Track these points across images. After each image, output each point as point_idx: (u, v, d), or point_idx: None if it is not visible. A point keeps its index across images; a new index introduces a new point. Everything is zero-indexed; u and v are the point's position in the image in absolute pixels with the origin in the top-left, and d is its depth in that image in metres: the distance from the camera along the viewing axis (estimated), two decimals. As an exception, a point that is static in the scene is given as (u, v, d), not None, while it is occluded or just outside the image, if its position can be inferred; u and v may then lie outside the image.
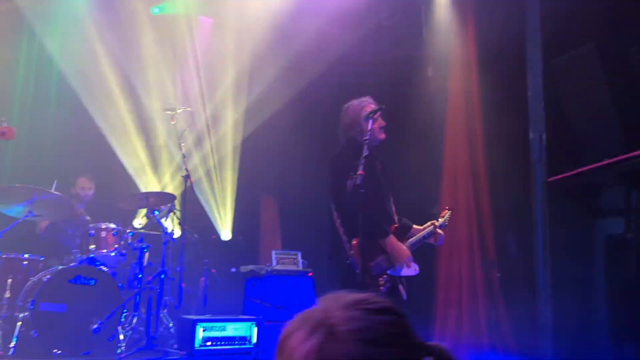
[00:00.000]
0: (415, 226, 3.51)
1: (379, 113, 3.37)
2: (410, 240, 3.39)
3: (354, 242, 3.19)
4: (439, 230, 3.47)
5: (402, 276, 3.30)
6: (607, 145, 4.05)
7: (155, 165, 6.21)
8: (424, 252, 3.53)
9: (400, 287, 3.24)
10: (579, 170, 4.26)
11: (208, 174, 6.65)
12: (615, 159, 3.91)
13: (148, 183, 6.05)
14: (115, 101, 6.04)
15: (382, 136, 3.46)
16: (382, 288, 3.21)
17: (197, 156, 6.51)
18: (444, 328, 5.13)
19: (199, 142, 6.47)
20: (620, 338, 4.04)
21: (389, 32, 5.97)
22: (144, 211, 5.65)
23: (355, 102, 3.48)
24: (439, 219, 3.59)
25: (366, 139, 3.09)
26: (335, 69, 6.38)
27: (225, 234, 6.71)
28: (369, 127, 3.20)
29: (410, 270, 3.34)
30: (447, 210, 3.66)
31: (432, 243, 3.51)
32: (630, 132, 3.92)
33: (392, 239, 3.25)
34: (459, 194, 5.22)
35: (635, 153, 3.74)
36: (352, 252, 3.20)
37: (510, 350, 4.69)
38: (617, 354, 4.06)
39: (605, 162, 4.00)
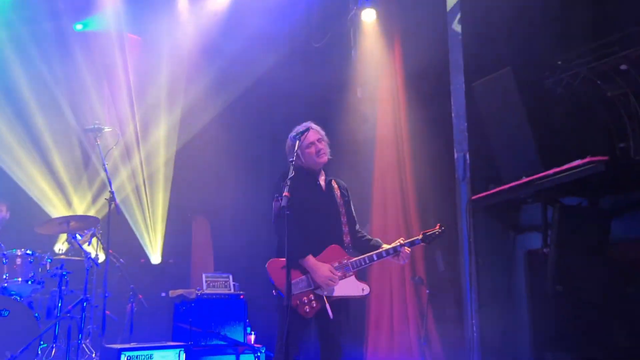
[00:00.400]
0: (385, 246, 3.47)
1: (306, 134, 3.40)
2: (355, 259, 3.39)
3: (267, 263, 3.20)
4: (406, 249, 3.40)
5: (340, 296, 3.29)
6: (524, 164, 4.24)
7: (77, 187, 5.94)
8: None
9: (327, 306, 3.22)
10: (500, 188, 4.44)
11: (137, 194, 6.45)
12: (532, 177, 4.10)
13: (68, 206, 5.77)
14: (32, 118, 5.75)
15: (322, 159, 3.47)
16: (306, 308, 3.19)
17: (125, 175, 6.30)
18: (375, 346, 5.17)
19: (126, 160, 6.27)
20: (542, 349, 4.20)
21: (319, 53, 6.05)
22: (64, 236, 5.39)
23: (299, 128, 3.47)
24: (424, 233, 3.51)
25: (291, 160, 3.09)
26: (265, 88, 6.40)
27: (155, 257, 6.50)
28: (295, 148, 3.20)
29: (353, 289, 3.32)
30: (439, 227, 3.54)
31: (396, 262, 3.45)
32: (545, 151, 4.12)
33: (309, 259, 3.24)
34: (389, 213, 5.33)
35: (550, 171, 3.93)
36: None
37: (441, 366, 4.78)
38: (540, 362, 4.21)
39: (523, 181, 4.19)
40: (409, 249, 3.43)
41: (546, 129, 4.22)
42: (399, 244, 3.43)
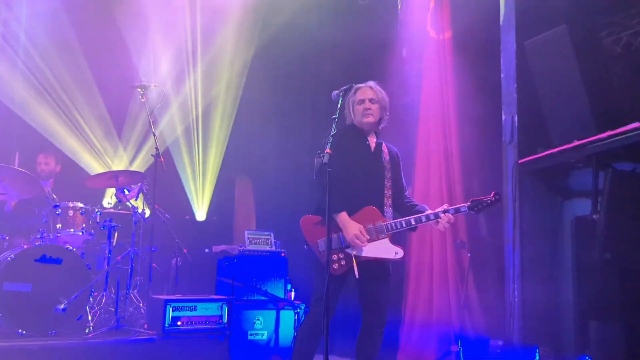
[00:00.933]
0: (429, 211, 3.41)
1: (352, 92, 3.39)
2: (390, 221, 3.36)
3: (300, 221, 3.23)
4: (449, 215, 3.31)
5: (371, 257, 3.29)
6: (577, 127, 4.07)
7: (126, 144, 6.10)
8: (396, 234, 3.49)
9: (354, 266, 3.21)
10: (550, 151, 4.29)
11: (189, 152, 6.59)
12: (584, 141, 3.94)
13: (118, 161, 5.94)
14: (83, 75, 5.90)
15: (366, 119, 3.44)
16: (335, 265, 3.20)
17: (179, 132, 6.42)
18: (414, 308, 5.17)
19: (178, 119, 6.37)
20: (585, 317, 4.11)
21: (364, 11, 5.90)
22: (112, 190, 5.57)
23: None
24: (473, 200, 3.44)
25: (334, 117, 3.06)
26: (309, 46, 6.32)
27: (200, 214, 6.66)
28: (338, 105, 3.16)
29: (385, 252, 3.31)
30: (493, 194, 3.44)
31: (436, 228, 3.40)
32: (599, 114, 3.94)
33: (343, 215, 3.23)
34: (432, 175, 5.24)
35: (603, 135, 3.77)
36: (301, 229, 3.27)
37: (479, 330, 4.75)
38: (582, 333, 4.13)
39: (574, 144, 4.03)
40: (452, 216, 3.33)
41: (602, 90, 4.02)
42: (442, 209, 3.35)
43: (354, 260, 3.24)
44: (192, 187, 6.57)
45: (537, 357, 4.13)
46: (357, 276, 3.23)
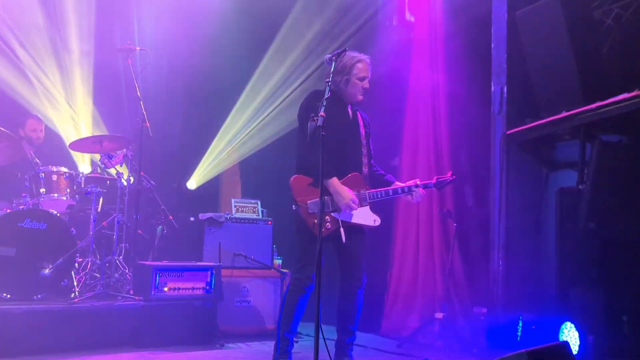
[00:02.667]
0: (398, 183, 3.54)
1: (351, 60, 3.39)
2: (369, 191, 3.41)
3: (291, 180, 3.25)
4: (420, 190, 3.46)
5: (354, 223, 3.33)
6: (565, 98, 4.09)
7: (110, 108, 5.97)
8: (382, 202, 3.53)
9: (341, 230, 3.27)
10: (538, 122, 4.32)
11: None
12: (573, 112, 3.97)
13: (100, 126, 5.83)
14: (67, 39, 5.73)
15: (360, 98, 3.51)
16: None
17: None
18: (400, 274, 5.24)
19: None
20: (567, 285, 4.21)
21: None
22: (89, 157, 5.49)
23: (351, 52, 3.45)
24: (437, 178, 3.57)
25: (327, 81, 3.03)
26: (298, 10, 6.21)
27: (191, 183, 6.59)
28: (332, 69, 3.12)
29: (366, 218, 3.39)
30: (450, 174, 3.61)
31: (410, 200, 3.52)
32: (589, 85, 3.97)
33: (334, 181, 3.29)
34: (420, 145, 5.26)
35: (593, 105, 3.80)
36: (290, 188, 3.29)
37: (464, 299, 4.84)
38: (563, 301, 4.23)
39: (563, 115, 4.06)
40: (424, 190, 3.50)
41: (592, 62, 4.04)
42: (414, 184, 3.49)
43: (340, 225, 3.29)
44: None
45: (521, 324, 4.23)
46: (343, 240, 3.26)
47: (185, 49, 6.27)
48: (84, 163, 5.85)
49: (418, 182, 3.50)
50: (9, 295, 4.04)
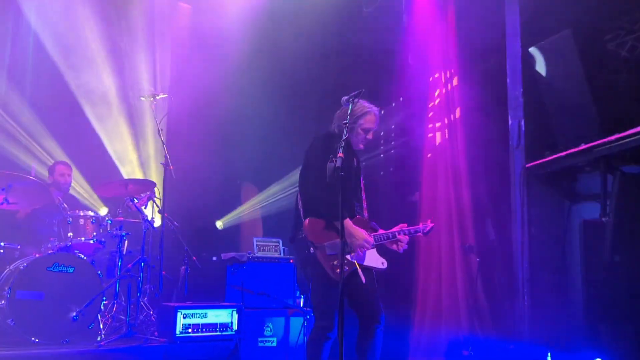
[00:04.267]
0: (381, 230, 3.56)
1: (361, 108, 3.46)
2: (374, 234, 3.46)
3: (306, 222, 3.26)
4: (402, 237, 3.47)
5: (366, 265, 3.36)
6: (584, 130, 4.10)
7: (136, 152, 6.14)
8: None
9: (359, 270, 3.28)
10: (557, 155, 4.32)
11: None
12: (592, 144, 3.97)
13: (127, 170, 5.99)
14: (92, 83, 5.96)
15: (361, 147, 3.60)
16: (338, 270, 3.24)
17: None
18: (423, 312, 5.18)
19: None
20: (595, 321, 4.12)
21: (370, 18, 5.96)
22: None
23: (363, 102, 3.52)
24: (422, 224, 3.60)
25: (345, 123, 3.09)
26: (314, 55, 6.37)
27: (219, 223, 6.69)
28: (349, 111, 3.20)
29: (375, 261, 3.43)
30: (430, 223, 3.64)
31: (395, 249, 3.52)
32: (606, 117, 3.98)
33: (348, 222, 3.32)
34: (439, 180, 5.27)
35: (612, 137, 3.79)
36: (304, 232, 3.30)
37: (489, 334, 4.75)
38: (592, 337, 4.14)
39: (582, 147, 4.06)
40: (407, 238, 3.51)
41: (607, 94, 4.05)
42: (413, 229, 3.54)
43: (357, 266, 3.31)
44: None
45: (549, 360, 4.14)
46: (364, 281, 3.27)
47: (208, 92, 6.47)
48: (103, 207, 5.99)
49: (404, 227, 3.52)
50: (37, 340, 4.11)
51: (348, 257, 3.33)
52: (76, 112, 5.94)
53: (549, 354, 4.16)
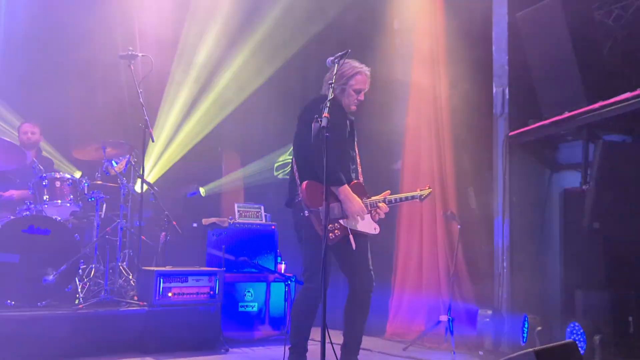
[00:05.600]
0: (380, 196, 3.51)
1: (350, 69, 3.38)
2: (369, 199, 3.42)
3: (303, 185, 3.22)
4: (382, 205, 3.42)
5: (359, 231, 3.33)
6: (568, 99, 4.10)
7: (113, 114, 5.97)
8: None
9: (350, 237, 3.27)
10: (541, 123, 4.32)
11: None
12: (576, 112, 3.97)
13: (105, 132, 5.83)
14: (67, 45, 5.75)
15: (354, 109, 3.51)
16: (331, 235, 3.23)
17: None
18: (403, 278, 5.23)
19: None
20: (572, 286, 4.20)
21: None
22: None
23: (353, 62, 3.44)
24: (419, 190, 3.58)
25: (331, 83, 3.02)
26: (295, 20, 6.24)
27: (202, 190, 6.60)
28: (334, 72, 3.13)
29: (368, 227, 3.40)
30: (428, 188, 3.64)
31: (372, 215, 3.46)
32: (591, 86, 3.98)
33: (346, 188, 3.29)
34: (422, 147, 5.26)
35: (595, 105, 3.80)
36: (300, 195, 3.25)
37: (468, 301, 4.82)
38: (569, 301, 4.22)
39: (565, 115, 4.07)
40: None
41: (593, 62, 4.05)
42: (406, 196, 3.55)
43: (349, 232, 3.28)
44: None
45: (527, 326, 4.22)
46: (354, 247, 3.25)
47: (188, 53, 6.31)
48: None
49: (388, 194, 3.49)
50: (13, 302, 4.03)
51: (342, 222, 3.30)
52: (51, 74, 5.74)
53: (527, 320, 4.24)
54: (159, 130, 6.30)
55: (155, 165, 6.36)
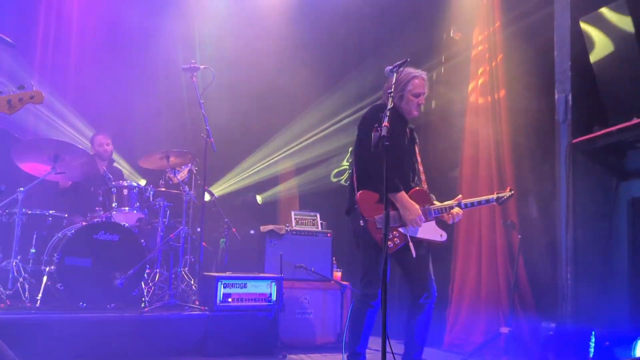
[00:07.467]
0: (436, 202, 3.50)
1: (407, 75, 3.40)
2: (433, 206, 3.40)
3: (358, 194, 3.24)
4: (456, 210, 3.41)
5: (421, 238, 3.32)
6: (636, 104, 3.95)
7: (175, 125, 6.22)
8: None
9: (410, 244, 3.25)
10: (607, 130, 4.17)
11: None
12: (643, 118, 3.81)
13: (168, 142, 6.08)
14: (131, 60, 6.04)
15: (415, 114, 3.53)
16: (390, 243, 3.23)
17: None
18: (462, 287, 5.14)
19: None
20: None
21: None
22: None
23: (408, 68, 3.44)
24: (497, 194, 3.52)
25: (390, 92, 3.04)
26: (354, 26, 6.29)
27: (259, 197, 6.77)
28: (393, 80, 3.15)
29: (433, 234, 3.38)
30: (510, 190, 3.56)
31: (446, 220, 3.46)
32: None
33: (403, 195, 3.29)
34: (480, 156, 5.17)
35: (666, 111, 3.64)
36: (357, 204, 3.26)
37: (530, 313, 4.69)
38: (636, 316, 4.04)
39: (633, 122, 3.91)
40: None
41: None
42: (487, 197, 3.48)
43: (409, 240, 3.28)
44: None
45: (593, 340, 4.06)
46: (414, 255, 3.24)
47: (247, 65, 6.48)
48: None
49: (460, 199, 3.45)
50: (85, 304, 4.25)
51: (401, 229, 3.31)
52: (118, 87, 6.04)
53: (593, 332, 4.08)
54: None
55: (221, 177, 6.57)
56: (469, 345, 4.82)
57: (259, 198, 6.57)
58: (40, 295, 4.18)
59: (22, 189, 4.39)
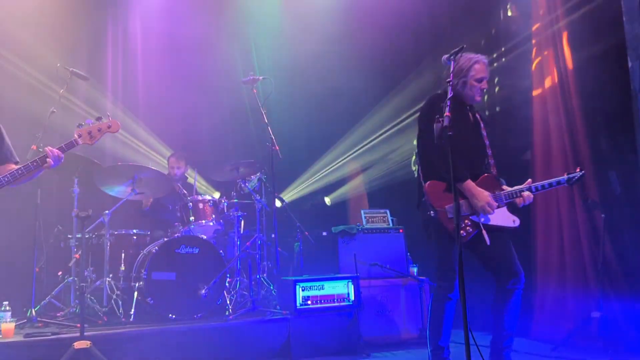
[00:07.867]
0: (506, 187, 3.39)
1: (468, 61, 3.35)
2: (503, 192, 3.31)
3: (426, 185, 3.20)
4: (527, 193, 3.29)
5: (494, 225, 3.24)
6: None
7: (243, 136, 6.41)
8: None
9: (484, 232, 3.18)
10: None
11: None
12: None
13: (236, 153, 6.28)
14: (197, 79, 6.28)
15: (479, 99, 3.46)
16: (463, 232, 3.17)
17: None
18: (546, 273, 4.95)
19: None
20: None
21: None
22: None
23: (468, 54, 3.40)
24: (567, 174, 3.37)
25: (449, 81, 2.99)
26: (409, 25, 6.22)
27: (327, 199, 6.86)
28: (452, 69, 3.09)
29: (506, 220, 3.30)
30: (579, 170, 3.39)
31: (517, 203, 3.34)
32: None
33: (469, 183, 3.23)
34: (552, 134, 4.96)
35: None
36: (425, 195, 3.23)
37: (622, 295, 4.44)
38: None
39: None
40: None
41: None
42: (557, 179, 3.34)
43: (482, 227, 3.21)
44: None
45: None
46: (488, 243, 3.18)
47: (305, 71, 6.57)
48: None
49: (530, 182, 3.32)
50: (174, 316, 4.47)
51: (473, 218, 3.25)
52: (184, 103, 6.31)
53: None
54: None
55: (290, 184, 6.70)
56: (558, 332, 4.63)
57: (327, 200, 6.64)
58: (132, 310, 4.44)
59: (107, 211, 4.68)
